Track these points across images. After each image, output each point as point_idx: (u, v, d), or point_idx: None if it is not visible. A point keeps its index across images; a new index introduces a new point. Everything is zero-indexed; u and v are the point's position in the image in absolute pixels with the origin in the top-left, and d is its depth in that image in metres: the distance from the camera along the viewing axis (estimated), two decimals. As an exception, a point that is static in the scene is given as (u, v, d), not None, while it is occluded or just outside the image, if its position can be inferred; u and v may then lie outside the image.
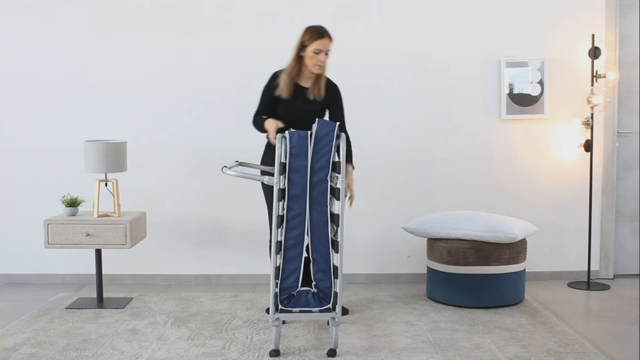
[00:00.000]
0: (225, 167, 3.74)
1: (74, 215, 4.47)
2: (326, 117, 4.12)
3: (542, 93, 5.03)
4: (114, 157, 4.33)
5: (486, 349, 3.62)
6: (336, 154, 3.53)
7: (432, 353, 3.57)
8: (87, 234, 4.33)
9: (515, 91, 5.03)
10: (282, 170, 3.50)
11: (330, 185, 3.53)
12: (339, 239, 3.47)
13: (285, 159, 3.50)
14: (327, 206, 3.51)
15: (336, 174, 3.52)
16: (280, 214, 3.52)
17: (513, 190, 5.12)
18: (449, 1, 5.02)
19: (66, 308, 4.39)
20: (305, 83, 4.05)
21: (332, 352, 3.51)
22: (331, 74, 5.01)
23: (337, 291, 3.48)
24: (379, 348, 3.64)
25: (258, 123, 4.02)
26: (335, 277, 3.49)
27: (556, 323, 4.04)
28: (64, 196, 4.55)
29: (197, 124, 5.04)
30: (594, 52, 4.89)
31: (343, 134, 3.56)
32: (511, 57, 5.02)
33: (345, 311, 4.23)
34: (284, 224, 3.52)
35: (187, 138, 5.05)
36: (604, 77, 4.91)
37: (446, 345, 3.68)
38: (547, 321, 4.08)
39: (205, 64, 5.01)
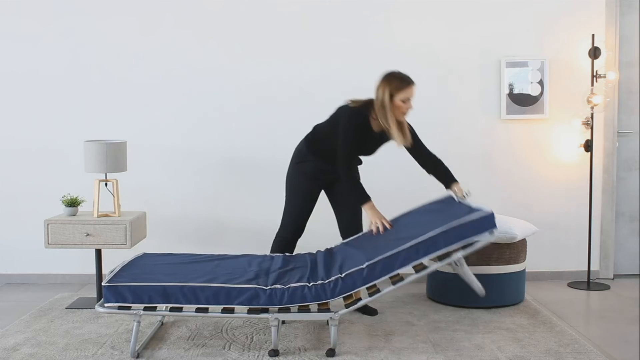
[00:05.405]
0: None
1: (74, 215, 4.47)
2: None
3: (542, 93, 5.03)
4: (114, 157, 4.33)
5: (486, 349, 3.62)
6: None
7: (432, 353, 3.57)
8: (87, 234, 4.32)
9: (515, 91, 5.02)
10: None
11: None
12: None
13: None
14: None
15: None
16: None
17: (513, 190, 5.12)
18: (449, 1, 5.02)
19: (66, 308, 4.39)
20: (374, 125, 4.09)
21: (331, 352, 3.51)
22: (331, 74, 5.04)
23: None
24: (379, 348, 3.64)
25: (359, 190, 4.11)
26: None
27: (556, 323, 4.04)
28: (64, 196, 4.55)
29: (197, 124, 5.04)
30: (594, 52, 4.88)
31: None
32: (511, 57, 5.02)
33: (374, 311, 4.24)
34: None
35: (188, 138, 5.05)
36: (604, 77, 4.91)
37: (446, 345, 3.68)
38: (547, 321, 4.08)
39: (206, 63, 5.00)
